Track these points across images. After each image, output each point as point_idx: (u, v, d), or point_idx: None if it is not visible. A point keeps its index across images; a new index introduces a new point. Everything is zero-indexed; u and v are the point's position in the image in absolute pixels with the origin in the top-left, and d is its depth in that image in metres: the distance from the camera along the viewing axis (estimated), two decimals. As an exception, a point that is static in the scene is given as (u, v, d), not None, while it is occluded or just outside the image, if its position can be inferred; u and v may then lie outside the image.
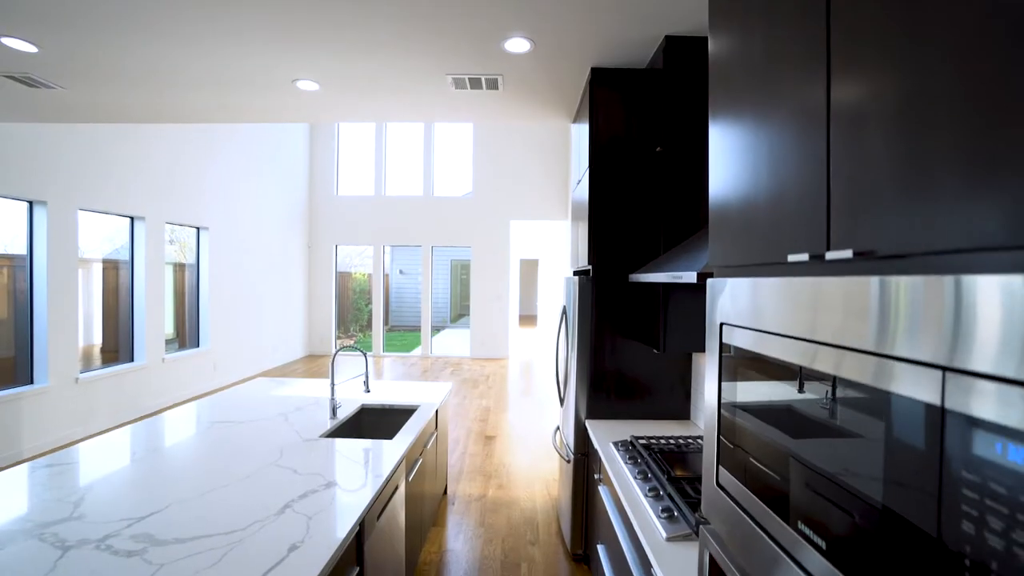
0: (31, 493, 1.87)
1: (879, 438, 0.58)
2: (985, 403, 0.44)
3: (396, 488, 2.26)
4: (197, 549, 1.50)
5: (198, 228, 7.32)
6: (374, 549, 1.93)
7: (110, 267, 6.34)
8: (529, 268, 19.10)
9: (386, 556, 2.10)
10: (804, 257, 0.78)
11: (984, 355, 0.45)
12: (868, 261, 0.66)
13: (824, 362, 0.69)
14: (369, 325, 13.15)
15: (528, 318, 19.85)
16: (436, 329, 16.41)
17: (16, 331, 5.15)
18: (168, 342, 6.91)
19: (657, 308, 2.68)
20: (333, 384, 2.92)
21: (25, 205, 4.97)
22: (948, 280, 0.49)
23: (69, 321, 5.25)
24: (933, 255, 0.56)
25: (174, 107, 3.88)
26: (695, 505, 1.71)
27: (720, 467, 1.03)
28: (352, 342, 14.00)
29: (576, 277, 3.06)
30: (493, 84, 3.30)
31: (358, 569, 1.76)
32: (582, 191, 3.32)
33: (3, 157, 4.61)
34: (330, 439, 2.54)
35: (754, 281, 0.92)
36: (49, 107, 3.94)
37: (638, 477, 2.05)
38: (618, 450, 2.39)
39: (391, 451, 2.37)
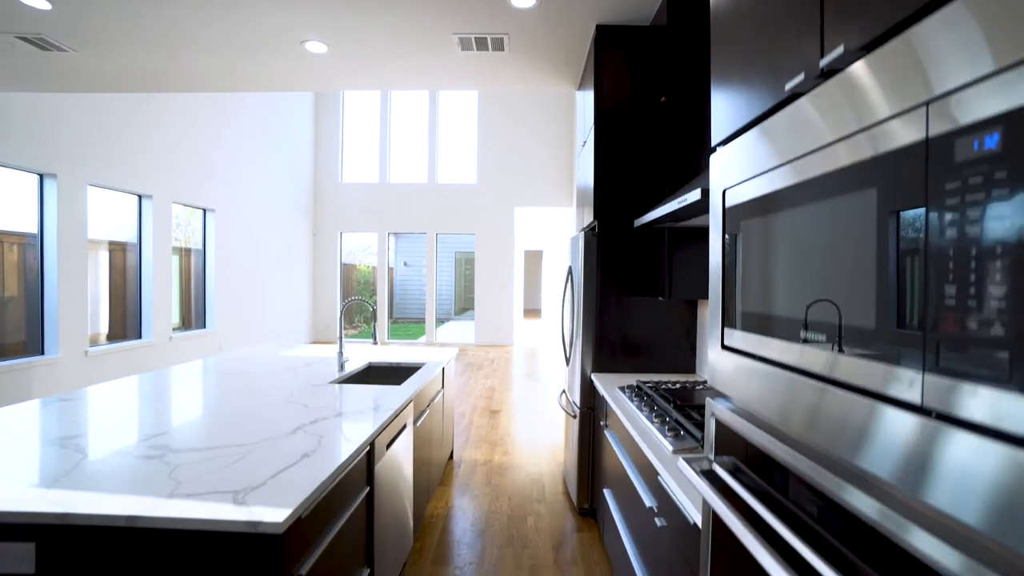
0: (44, 422, 1.91)
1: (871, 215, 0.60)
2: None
3: (404, 427, 2.28)
4: (213, 456, 1.54)
5: (204, 210, 7.38)
6: (383, 475, 1.96)
7: (117, 249, 6.40)
8: (533, 260, 19.10)
9: (394, 485, 2.13)
10: (801, 77, 0.80)
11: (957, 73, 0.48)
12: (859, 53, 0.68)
13: (829, 160, 0.71)
14: (374, 316, 13.24)
15: (533, 312, 19.86)
16: (440, 321, 16.46)
17: (27, 305, 5.22)
18: (174, 329, 6.97)
19: (662, 258, 2.70)
20: (341, 338, 2.95)
21: (36, 179, 5.02)
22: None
23: (79, 295, 5.31)
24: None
25: (182, 74, 3.92)
26: (701, 426, 1.73)
27: (726, 329, 1.05)
28: (357, 332, 14.05)
29: (581, 233, 3.08)
30: (499, 45, 3.32)
31: (369, 488, 1.79)
32: (587, 153, 3.34)
33: (15, 129, 4.67)
34: (338, 384, 2.58)
35: (757, 130, 0.94)
36: (58, 73, 3.98)
37: (643, 409, 2.07)
38: (624, 392, 2.41)
39: (398, 393, 2.40)
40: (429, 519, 3.02)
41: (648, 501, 1.70)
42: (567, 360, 3.47)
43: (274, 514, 1.15)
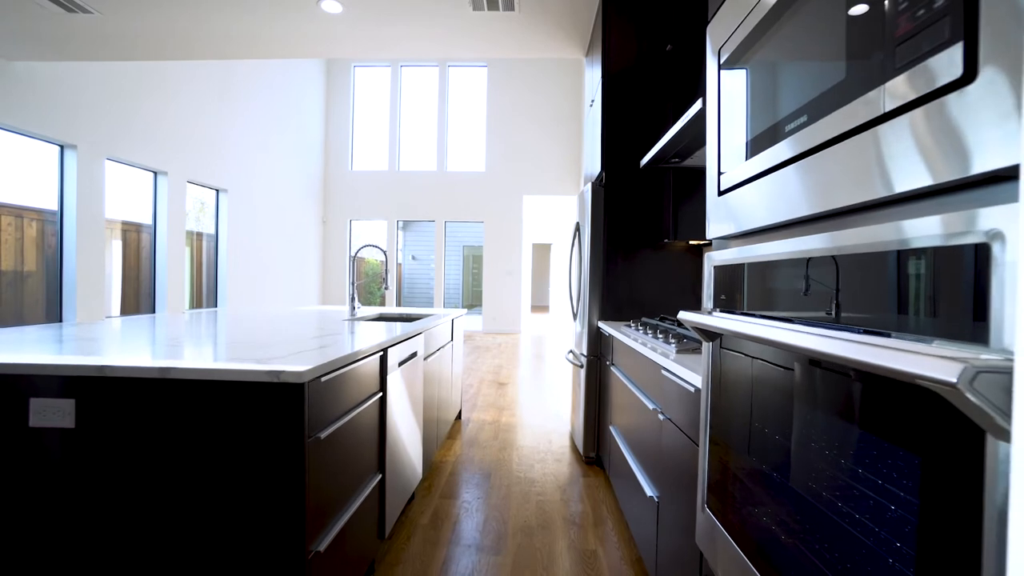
0: (96, 331, 1.99)
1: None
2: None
3: (415, 353, 2.35)
4: (237, 343, 1.61)
5: (217, 190, 7.51)
6: (395, 389, 2.02)
7: (131, 230, 6.53)
8: (541, 254, 19.16)
9: (404, 405, 2.19)
10: None
11: None
12: None
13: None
14: (382, 304, 13.34)
15: (540, 308, 19.91)
16: (448, 313, 16.53)
17: (47, 280, 5.34)
18: (187, 310, 7.08)
19: (667, 200, 2.75)
20: (352, 283, 3.03)
21: (56, 150, 5.16)
22: None
23: (96, 269, 5.43)
24: None
25: (199, 37, 4.02)
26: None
27: (721, 176, 1.11)
28: (365, 323, 14.14)
29: (589, 186, 3.14)
30: (509, 3, 3.39)
31: (381, 394, 1.85)
32: (595, 111, 3.40)
33: (38, 100, 4.80)
34: (349, 321, 2.64)
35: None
36: (82, 38, 4.10)
37: (648, 333, 2.12)
38: (630, 326, 2.46)
39: (409, 326, 2.47)
40: (437, 464, 3.08)
41: (652, 405, 1.75)
42: (574, 316, 3.52)
43: (295, 367, 1.21)
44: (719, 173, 1.12)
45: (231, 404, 1.21)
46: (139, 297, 6.56)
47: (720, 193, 1.11)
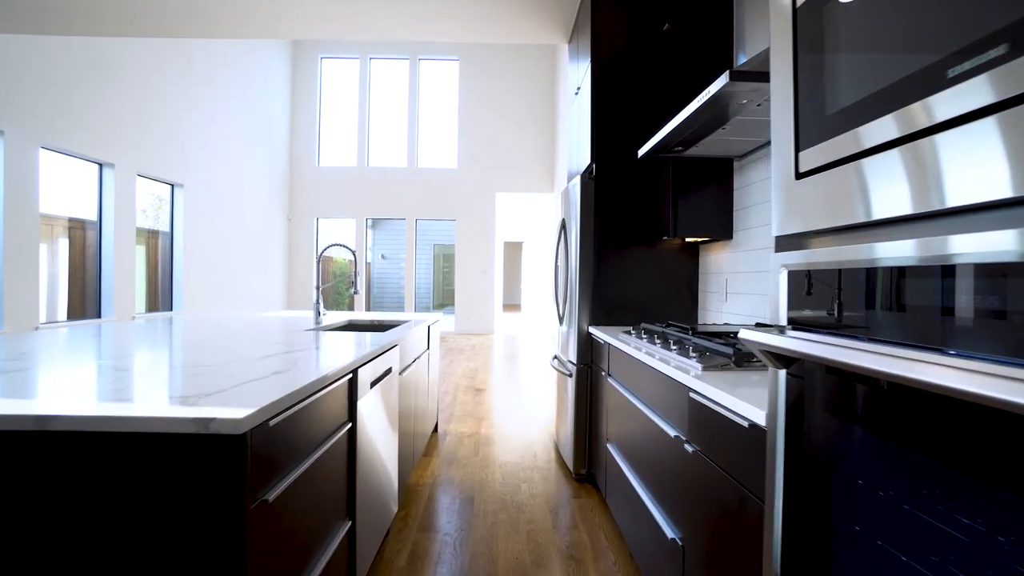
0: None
1: None
2: None
3: (389, 369, 2.04)
4: (169, 372, 1.28)
5: (172, 185, 6.97)
6: (367, 415, 1.71)
7: (77, 227, 5.98)
8: (513, 252, 18.91)
9: (378, 431, 1.88)
10: None
11: None
12: None
13: None
14: (351, 308, 12.85)
15: (512, 306, 19.67)
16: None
17: (-30, 279, 4.79)
18: (139, 312, 6.55)
19: (666, 193, 2.51)
20: (318, 287, 2.69)
21: (-21, 138, 4.61)
22: None
23: (29, 266, 4.90)
24: None
25: (152, 12, 3.58)
26: (730, 345, 1.53)
27: (801, 153, 0.85)
28: (333, 324, 13.62)
29: (577, 178, 2.87)
30: (488, -22, 3.11)
31: (350, 424, 1.54)
32: (582, 99, 3.14)
33: (-46, 82, 4.27)
34: (313, 331, 2.32)
35: None
36: (8, 6, 3.61)
37: (657, 342, 1.87)
38: (631, 334, 2.21)
39: (381, 337, 2.16)
40: (414, 488, 2.77)
41: (672, 430, 1.50)
42: (560, 319, 3.26)
43: (232, 412, 0.90)
44: (797, 150, 0.86)
45: (142, 464, 0.89)
46: (85, 301, 6.01)
47: (798, 176, 0.85)
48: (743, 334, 0.90)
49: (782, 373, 0.90)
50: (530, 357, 7.59)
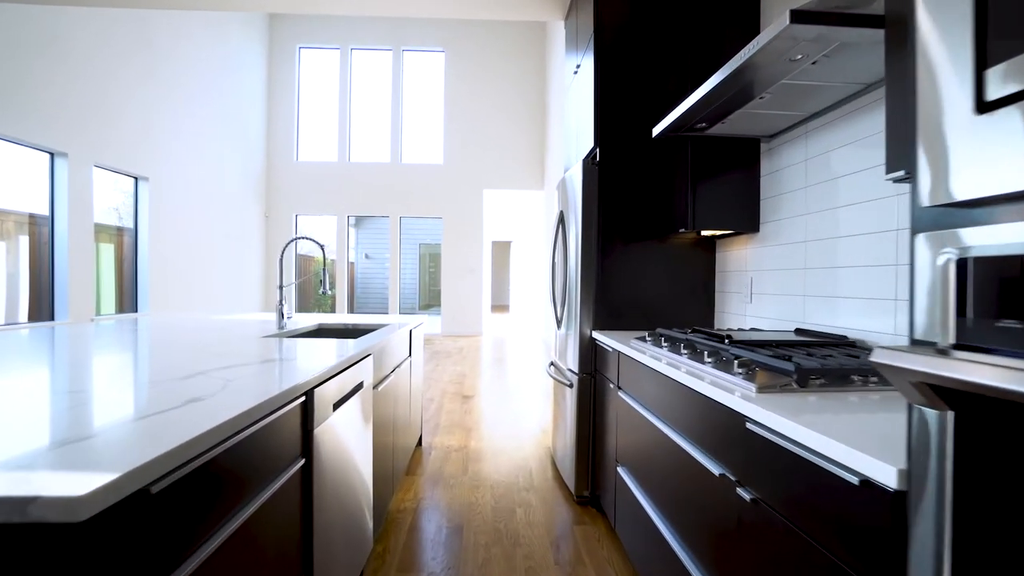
0: None
1: None
2: None
3: (359, 385, 1.70)
4: (57, 397, 0.93)
5: (136, 178, 6.52)
6: (328, 444, 1.37)
7: (32, 223, 5.52)
8: (501, 252, 18.60)
9: (345, 460, 1.54)
10: None
11: None
12: None
13: None
14: (333, 309, 12.42)
15: (500, 307, 19.34)
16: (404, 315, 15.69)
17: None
18: (100, 313, 6.10)
19: (684, 179, 2.19)
20: (282, 286, 2.33)
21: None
22: None
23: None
24: None
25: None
26: (784, 358, 1.22)
27: (989, 71, 0.53)
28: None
29: (579, 164, 2.55)
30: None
31: (304, 461, 1.20)
32: (583, 77, 2.83)
33: None
34: (273, 338, 1.97)
35: None
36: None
37: (683, 352, 1.56)
38: (646, 341, 1.89)
39: (352, 344, 1.82)
40: (394, 514, 2.43)
41: (716, 468, 1.18)
42: (558, 322, 2.94)
43: (73, 483, 0.56)
44: (978, 68, 0.54)
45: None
46: (40, 302, 5.55)
47: (982, 108, 0.53)
48: (882, 357, 0.58)
49: (948, 417, 0.58)
50: (520, 360, 7.26)
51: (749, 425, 1.03)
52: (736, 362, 1.23)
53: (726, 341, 1.47)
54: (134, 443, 0.69)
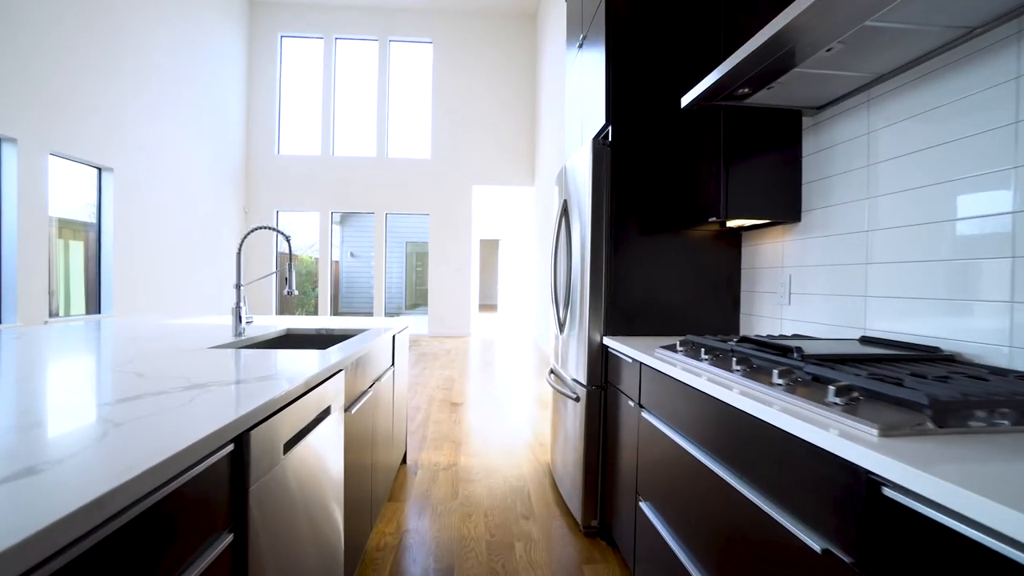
0: None
1: None
2: None
3: (326, 410, 1.35)
4: None
5: (100, 168, 6.06)
6: (275, 501, 1.02)
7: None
8: (489, 250, 18.25)
9: (301, 513, 1.19)
10: None
11: None
12: None
13: None
14: (316, 310, 11.98)
15: (488, 307, 18.98)
16: (391, 315, 15.28)
17: None
18: (54, 314, 5.64)
19: (715, 158, 1.87)
20: (239, 285, 1.97)
21: None
22: None
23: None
24: None
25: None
26: (896, 382, 0.89)
27: None
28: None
29: (586, 147, 2.22)
30: None
31: (232, 537, 0.85)
32: (591, 48, 2.50)
33: None
34: (221, 350, 1.61)
35: None
36: None
37: (737, 368, 1.23)
38: (674, 351, 1.57)
39: (316, 357, 1.46)
40: (373, 554, 2.07)
41: (814, 540, 0.85)
42: (560, 325, 2.61)
43: None
44: None
45: None
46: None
47: None
48: None
49: None
50: (510, 363, 6.92)
51: (888, 492, 0.70)
52: (833, 389, 0.91)
53: (796, 355, 1.15)
54: None
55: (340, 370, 1.47)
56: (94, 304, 6.08)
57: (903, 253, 1.40)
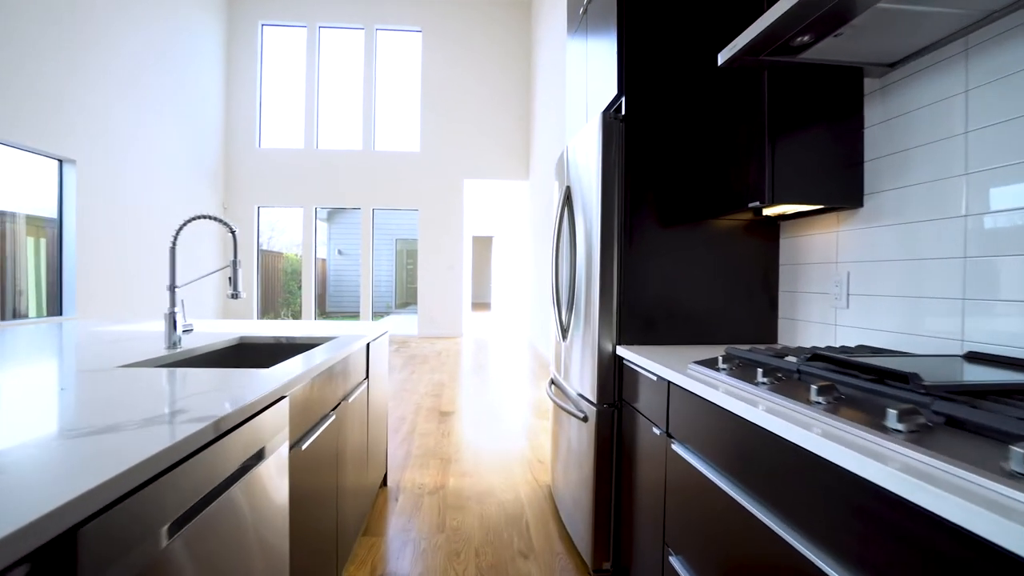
0: None
1: None
2: None
3: (260, 456, 0.99)
4: None
5: (61, 160, 5.63)
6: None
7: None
8: (482, 247, 17.87)
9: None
10: None
11: None
12: None
13: None
14: (300, 311, 11.57)
15: (481, 305, 18.63)
16: (379, 315, 14.87)
17: None
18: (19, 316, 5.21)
19: (752, 138, 1.53)
20: (172, 287, 1.60)
21: None
22: None
23: None
24: None
25: None
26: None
27: None
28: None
29: (593, 123, 1.87)
30: None
31: None
32: (600, 10, 2.16)
33: None
34: (133, 368, 1.24)
35: None
36: None
37: (820, 399, 0.89)
38: (716, 370, 1.23)
39: (254, 381, 1.11)
40: (341, 607, 1.72)
41: None
42: (563, 331, 2.26)
43: None
44: None
45: None
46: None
47: None
48: None
49: None
50: (505, 366, 6.57)
51: None
52: (1021, 452, 0.57)
53: (921, 390, 0.81)
54: None
55: (282, 396, 1.12)
56: (55, 306, 5.65)
57: (1021, 242, 1.07)
